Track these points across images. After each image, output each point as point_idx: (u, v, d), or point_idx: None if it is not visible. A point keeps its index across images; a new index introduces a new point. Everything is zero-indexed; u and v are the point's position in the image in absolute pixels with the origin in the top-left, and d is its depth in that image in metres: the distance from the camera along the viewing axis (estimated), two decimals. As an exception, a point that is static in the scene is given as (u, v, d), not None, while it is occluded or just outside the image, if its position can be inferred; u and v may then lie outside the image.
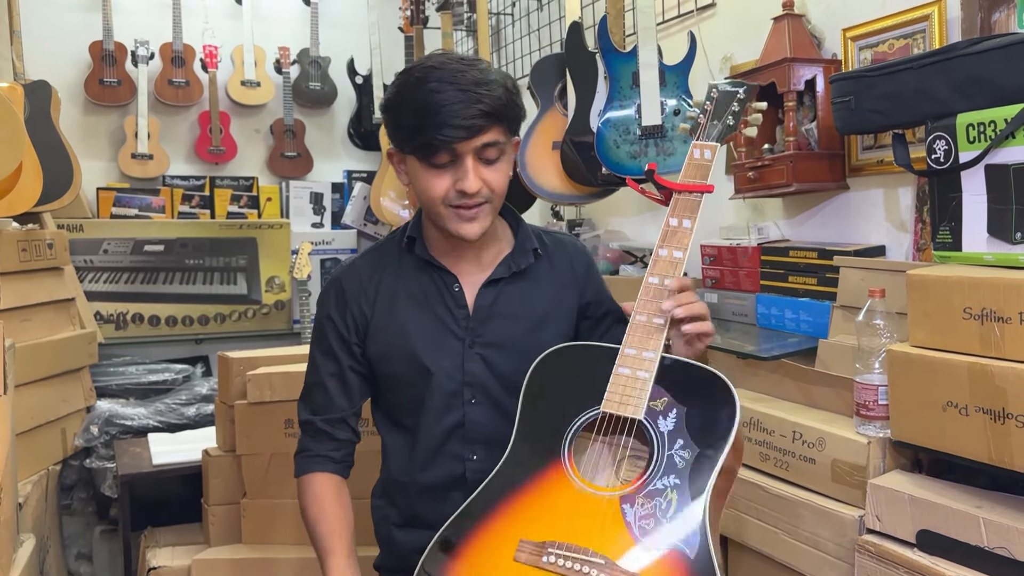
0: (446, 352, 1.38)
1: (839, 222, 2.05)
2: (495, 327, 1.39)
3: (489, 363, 1.38)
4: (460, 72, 1.26)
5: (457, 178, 1.28)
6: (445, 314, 1.39)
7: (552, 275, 1.45)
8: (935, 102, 1.47)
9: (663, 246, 1.29)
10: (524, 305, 1.42)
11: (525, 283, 1.43)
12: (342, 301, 1.42)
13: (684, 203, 1.31)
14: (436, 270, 1.41)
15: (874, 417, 1.56)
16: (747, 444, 1.82)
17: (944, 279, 1.40)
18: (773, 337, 2.00)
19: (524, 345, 1.38)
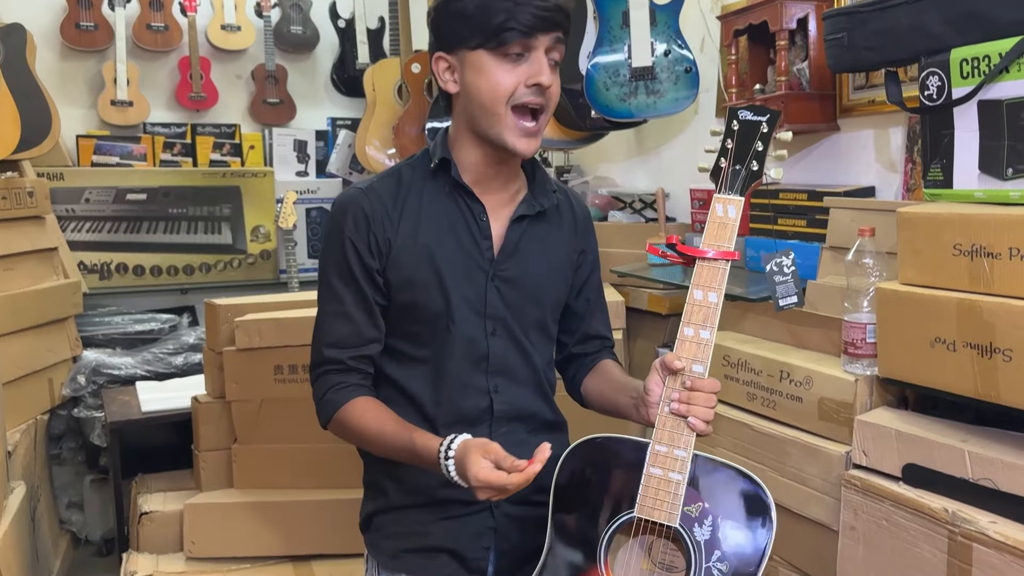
0: (470, 282, 1.32)
1: (829, 164, 2.04)
2: (516, 264, 1.34)
3: (505, 297, 1.34)
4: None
5: (530, 73, 1.22)
6: (470, 243, 1.32)
7: (559, 220, 1.42)
8: (929, 37, 1.45)
9: (688, 323, 1.21)
10: (542, 246, 1.38)
11: (544, 225, 1.38)
12: (364, 225, 1.30)
13: (709, 272, 1.21)
14: (466, 197, 1.33)
15: (861, 355, 1.58)
16: (735, 384, 1.84)
17: (934, 216, 1.40)
18: (762, 279, 2.00)
19: (538, 286, 1.37)
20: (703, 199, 2.25)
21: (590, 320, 1.48)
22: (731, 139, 1.25)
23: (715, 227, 1.23)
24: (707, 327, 1.21)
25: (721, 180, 1.24)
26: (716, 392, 1.21)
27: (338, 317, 1.33)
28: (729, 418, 1.80)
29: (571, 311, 1.46)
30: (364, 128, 3.63)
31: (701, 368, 1.21)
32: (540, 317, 1.39)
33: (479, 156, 1.31)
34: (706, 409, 1.20)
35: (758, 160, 1.24)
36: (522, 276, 1.35)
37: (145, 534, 2.28)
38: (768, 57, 2.12)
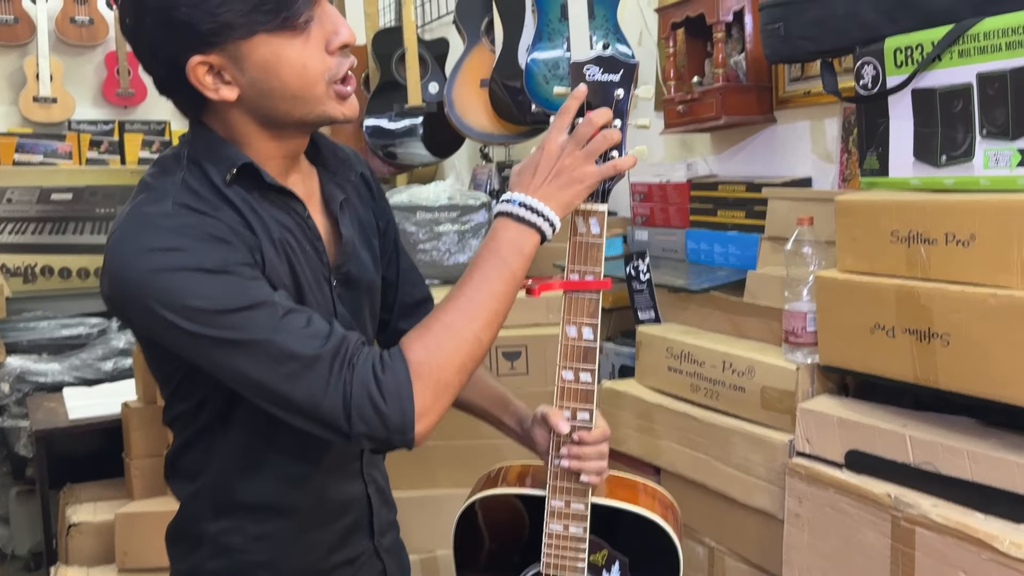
0: (320, 295, 1.05)
1: (766, 155, 2.05)
2: (350, 257, 1.09)
3: (346, 302, 1.08)
4: None
5: (326, 35, 0.95)
6: (310, 251, 1.04)
7: (357, 186, 1.16)
8: (864, 26, 1.46)
9: (567, 366, 1.05)
10: (360, 228, 1.13)
11: (352, 200, 1.13)
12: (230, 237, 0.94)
13: (578, 305, 1.04)
14: (286, 198, 1.02)
15: (802, 344, 1.58)
16: (678, 376, 1.84)
17: (871, 203, 1.41)
18: (703, 271, 2.01)
19: (371, 275, 1.14)
20: (643, 192, 2.24)
21: (408, 286, 1.26)
22: (580, 114, 1.01)
23: (579, 249, 1.03)
24: (587, 368, 1.07)
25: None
26: (606, 439, 1.13)
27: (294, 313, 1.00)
28: (673, 410, 1.79)
29: (386, 283, 1.22)
30: (300, 125, 3.54)
31: (587, 415, 1.09)
32: (373, 315, 1.17)
33: (279, 148, 1.01)
34: (597, 463, 1.11)
35: (617, 146, 1.00)
36: (358, 272, 1.10)
37: (75, 546, 2.19)
38: (705, 50, 2.13)
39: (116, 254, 0.93)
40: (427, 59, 2.90)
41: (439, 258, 2.52)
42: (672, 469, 1.80)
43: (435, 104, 2.79)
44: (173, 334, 0.92)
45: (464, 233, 2.51)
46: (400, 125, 2.91)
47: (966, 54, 1.33)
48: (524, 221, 0.99)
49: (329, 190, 1.10)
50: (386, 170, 3.06)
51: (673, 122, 2.06)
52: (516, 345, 2.12)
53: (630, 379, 2.01)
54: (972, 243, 1.26)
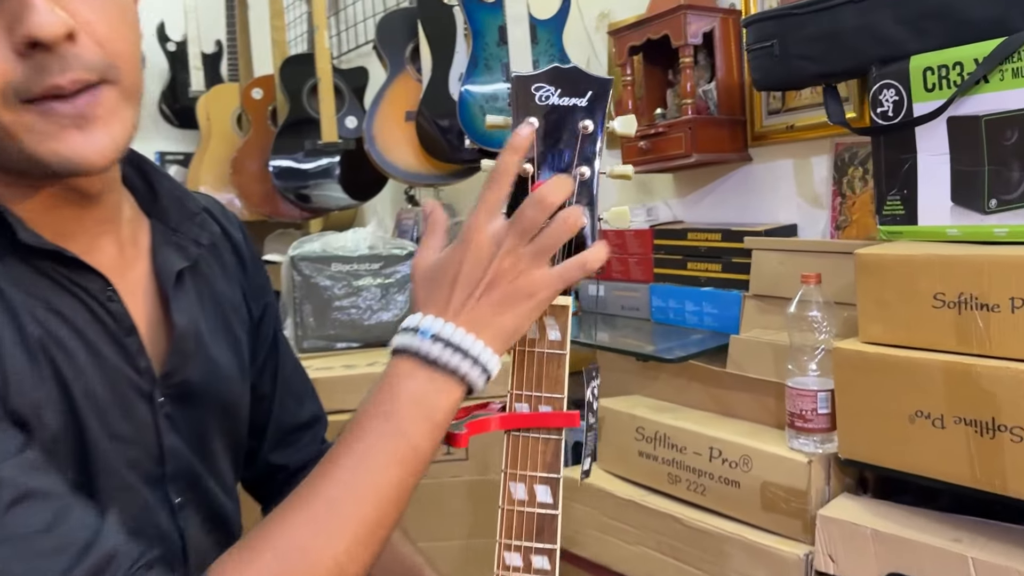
0: (128, 424, 0.70)
1: (740, 199, 1.78)
2: (194, 366, 0.75)
3: (182, 429, 0.74)
4: None
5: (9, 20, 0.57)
6: (111, 350, 0.69)
7: (221, 257, 0.85)
8: (882, 42, 1.20)
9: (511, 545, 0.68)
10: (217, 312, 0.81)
11: (203, 273, 0.81)
12: None
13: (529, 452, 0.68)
14: (65, 268, 0.68)
15: (812, 430, 1.29)
16: (653, 464, 1.52)
17: (907, 259, 1.13)
18: (672, 334, 1.71)
19: (231, 379, 0.80)
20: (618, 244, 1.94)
21: (289, 402, 0.92)
22: (529, 158, 0.68)
23: (527, 365, 0.68)
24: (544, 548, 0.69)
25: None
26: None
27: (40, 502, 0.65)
28: (649, 508, 1.47)
29: (256, 396, 0.88)
30: (197, 163, 3.15)
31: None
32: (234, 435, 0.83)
33: (37, 198, 0.67)
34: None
35: (588, 203, 0.67)
36: (201, 380, 0.76)
37: None
38: (666, 78, 1.85)
39: None
40: (344, 90, 2.57)
41: (359, 317, 2.16)
42: (651, 583, 1.47)
43: (353, 141, 2.46)
44: None
45: (388, 287, 2.15)
46: (314, 165, 2.56)
47: (1022, 74, 1.07)
48: (438, 365, 0.64)
49: (163, 256, 0.74)
50: (297, 214, 2.69)
51: (633, 160, 1.77)
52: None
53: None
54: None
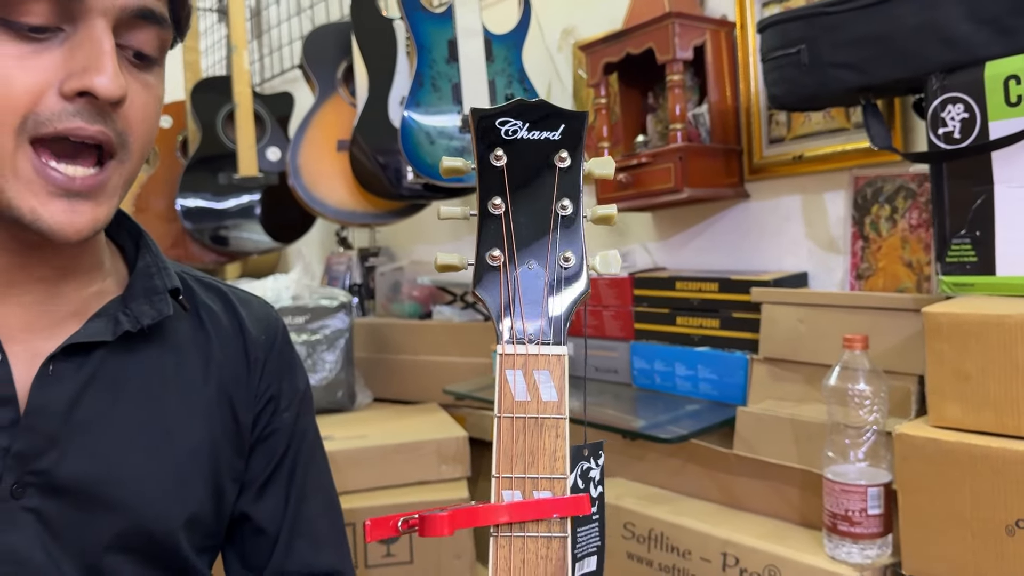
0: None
1: (735, 243, 1.52)
2: (78, 452, 0.66)
3: (58, 534, 0.65)
4: None
5: (74, 67, 0.58)
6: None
7: (206, 347, 0.75)
8: (948, 44, 0.95)
9: None
10: (150, 407, 0.70)
11: (154, 360, 0.71)
12: None
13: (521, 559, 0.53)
14: None
15: (861, 535, 1.01)
16: (648, 571, 1.23)
17: (1000, 320, 0.86)
18: (661, 404, 1.42)
19: (143, 494, 0.68)
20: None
21: (291, 543, 0.78)
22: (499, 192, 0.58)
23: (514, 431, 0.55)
24: None
25: (502, 304, 0.56)
26: None
27: None
28: (647, 630, 1.17)
29: (251, 527, 0.77)
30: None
31: None
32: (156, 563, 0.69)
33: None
34: None
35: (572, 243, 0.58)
36: (93, 477, 0.65)
37: None
38: (645, 101, 1.60)
39: None
40: (265, 118, 2.25)
41: (280, 380, 1.82)
42: None
43: (276, 175, 2.14)
44: None
45: (315, 345, 1.82)
46: (230, 203, 2.23)
47: None
48: None
49: (88, 329, 0.66)
50: (212, 258, 2.34)
51: (611, 196, 1.49)
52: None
53: (564, 565, 1.37)
54: None
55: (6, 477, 0.62)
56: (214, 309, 0.77)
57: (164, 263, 0.73)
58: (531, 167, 0.58)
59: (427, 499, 1.43)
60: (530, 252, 0.57)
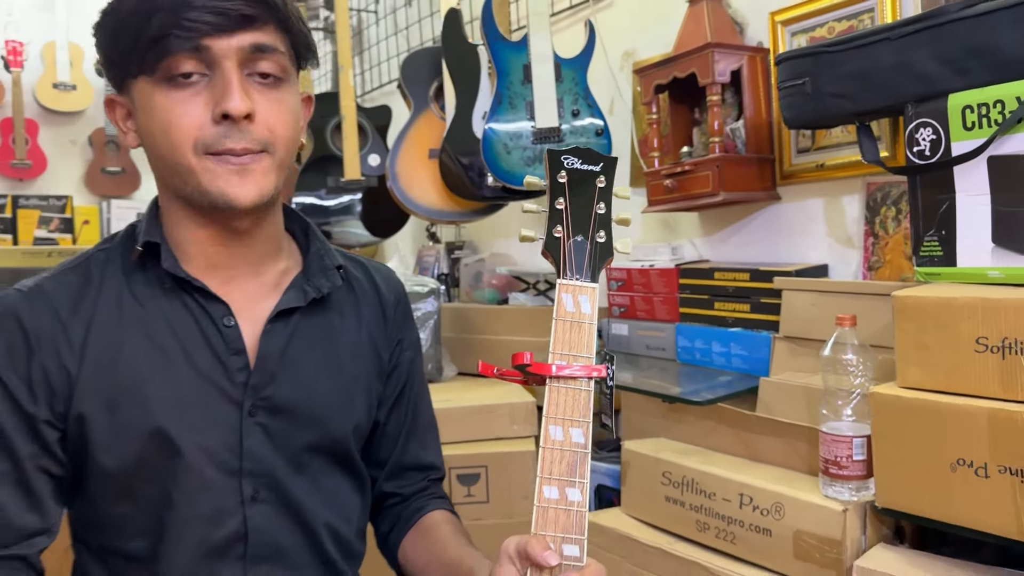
0: (214, 424, 0.89)
1: (768, 239, 1.75)
2: (288, 382, 0.93)
3: (275, 437, 0.92)
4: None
5: (216, 98, 0.83)
6: (210, 364, 0.90)
7: (357, 306, 1.03)
8: (919, 80, 1.18)
9: (549, 479, 0.81)
10: (326, 348, 0.98)
11: (327, 318, 0.99)
12: (21, 350, 0.86)
13: (567, 397, 0.83)
14: (195, 294, 0.91)
15: (848, 477, 1.24)
16: (680, 509, 1.48)
17: (947, 302, 1.09)
18: (699, 375, 1.67)
19: (328, 407, 0.96)
20: (622, 279, 1.92)
21: (407, 443, 1.07)
22: (563, 196, 0.89)
23: (565, 328, 0.85)
24: (576, 482, 0.82)
25: (562, 258, 0.87)
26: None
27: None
28: (677, 556, 1.42)
29: (380, 431, 1.06)
30: (221, 201, 3.17)
31: (576, 550, 0.81)
32: (332, 453, 0.98)
33: (199, 232, 0.91)
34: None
35: (604, 228, 0.89)
36: (298, 400, 0.94)
37: None
38: (692, 116, 1.84)
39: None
40: (367, 128, 2.57)
41: (379, 355, 2.14)
42: (678, 634, 1.42)
43: (376, 178, 2.46)
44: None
45: (408, 325, 2.13)
46: (336, 202, 2.56)
47: (1065, 112, 1.04)
48: None
49: (287, 297, 0.94)
50: (318, 252, 2.68)
51: (659, 199, 1.75)
52: (473, 465, 1.74)
53: (614, 509, 1.63)
54: (1104, 357, 0.95)
55: (246, 403, 0.90)
56: (359, 277, 1.04)
57: (328, 246, 1.00)
58: (581, 185, 0.88)
59: (500, 450, 1.72)
60: (578, 231, 0.86)
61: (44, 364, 0.86)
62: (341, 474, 0.99)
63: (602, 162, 0.90)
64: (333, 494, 0.97)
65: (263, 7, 0.84)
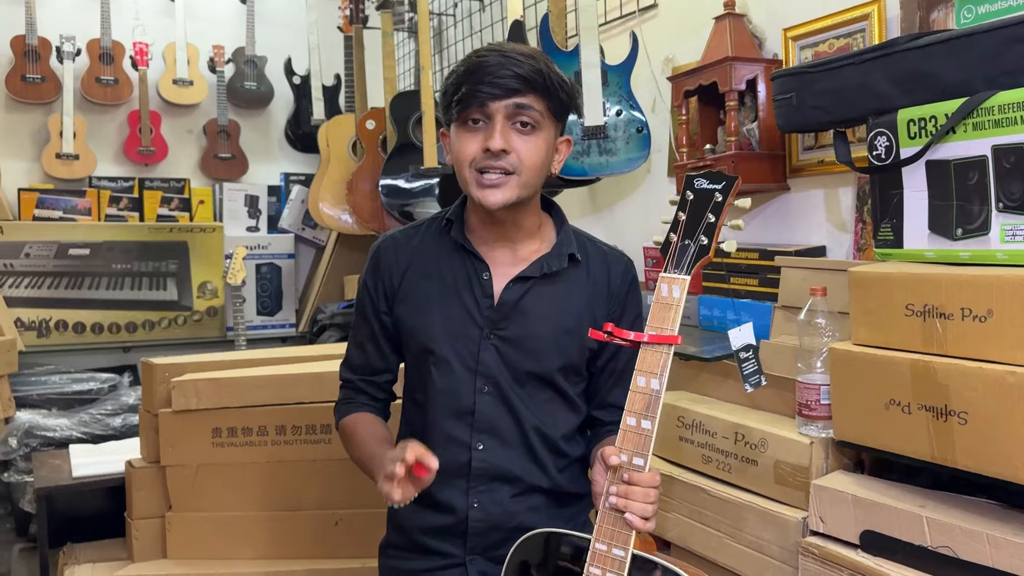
0: (463, 338, 1.37)
1: (780, 223, 2.04)
2: (516, 324, 1.37)
3: (503, 356, 1.36)
4: (511, 46, 1.31)
5: (485, 138, 1.28)
6: (470, 300, 1.37)
7: (587, 282, 1.41)
8: (877, 97, 1.45)
9: (631, 412, 1.17)
10: (550, 308, 1.38)
11: (556, 287, 1.39)
12: (377, 268, 1.44)
13: (651, 357, 1.18)
14: (469, 255, 1.38)
15: (816, 417, 1.54)
16: (690, 447, 1.80)
17: (886, 276, 1.38)
18: (715, 339, 1.97)
19: (542, 346, 1.38)
20: (655, 257, 2.23)
21: (612, 388, 1.45)
22: (684, 210, 1.21)
23: (659, 308, 1.19)
24: (649, 416, 1.16)
25: (669, 256, 1.20)
26: (655, 487, 1.17)
27: (357, 346, 1.49)
28: (684, 482, 1.74)
29: (596, 376, 1.46)
30: (317, 183, 3.58)
31: (641, 461, 1.16)
32: (544, 379, 1.38)
33: (476, 218, 1.38)
34: (644, 505, 1.15)
35: (707, 234, 1.19)
36: (521, 336, 1.36)
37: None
38: (718, 118, 2.13)
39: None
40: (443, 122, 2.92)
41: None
42: (682, 544, 1.74)
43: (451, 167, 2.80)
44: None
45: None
46: (416, 185, 2.93)
47: (981, 127, 1.31)
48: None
49: (531, 268, 1.37)
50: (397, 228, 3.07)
51: (685, 188, 2.05)
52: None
53: (640, 448, 1.96)
54: (989, 319, 1.23)
55: (485, 329, 1.35)
56: (595, 262, 1.42)
57: (571, 236, 1.41)
58: (701, 201, 1.20)
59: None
60: (687, 236, 1.19)
61: (384, 279, 1.42)
62: (551, 393, 1.39)
63: (724, 181, 1.20)
64: (542, 405, 1.39)
65: (524, 81, 1.26)
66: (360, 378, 1.49)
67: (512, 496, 1.37)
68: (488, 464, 1.36)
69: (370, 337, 1.46)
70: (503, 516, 1.37)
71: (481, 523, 1.37)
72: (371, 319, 1.45)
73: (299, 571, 2.12)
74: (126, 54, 3.74)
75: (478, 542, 1.38)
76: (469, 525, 1.37)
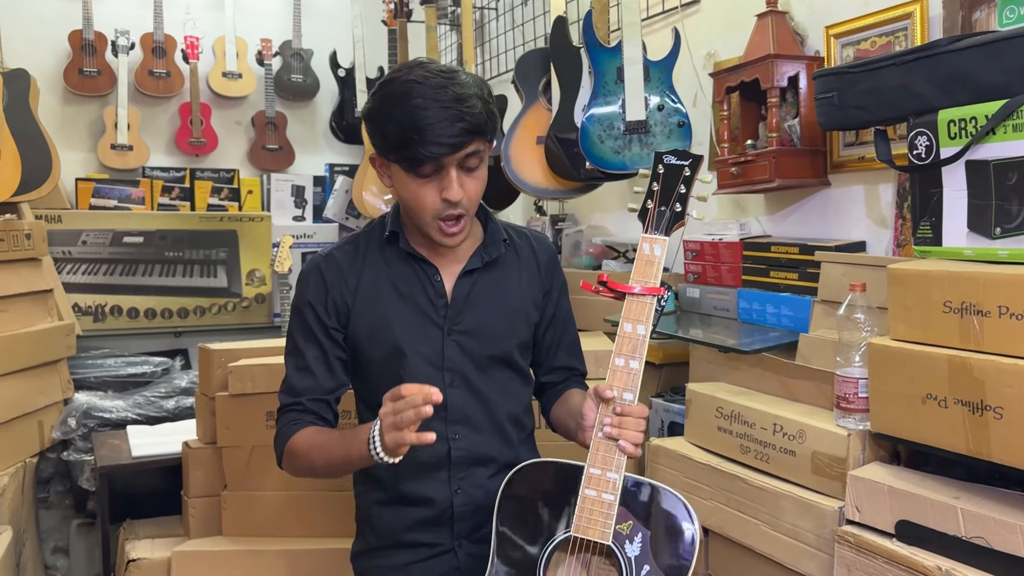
0: (426, 339, 1.45)
1: (820, 218, 2.06)
2: (470, 315, 1.47)
3: (465, 348, 1.46)
4: (442, 88, 1.31)
5: (442, 187, 1.35)
6: (426, 303, 1.46)
7: (519, 264, 1.54)
8: (917, 98, 1.48)
9: (619, 354, 1.31)
10: (496, 293, 1.50)
11: (497, 272, 1.51)
12: (322, 289, 1.47)
13: (637, 306, 1.32)
14: (419, 262, 1.47)
15: (854, 410, 1.58)
16: (728, 437, 1.84)
17: (924, 273, 1.41)
18: (754, 331, 2.01)
19: (497, 331, 1.49)
20: (696, 250, 2.27)
21: (556, 352, 1.61)
22: (657, 182, 1.37)
23: (642, 264, 1.34)
24: (636, 357, 1.31)
25: (648, 220, 1.35)
26: (644, 417, 1.31)
27: (300, 370, 1.47)
28: (723, 471, 1.79)
29: (539, 346, 1.60)
30: (362, 174, 3.66)
31: (631, 396, 1.30)
32: (503, 360, 1.51)
33: (421, 237, 1.46)
34: (635, 433, 1.29)
35: (681, 202, 1.36)
36: (477, 326, 1.47)
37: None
38: (759, 113, 2.16)
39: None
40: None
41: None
42: (719, 531, 1.79)
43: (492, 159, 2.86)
44: None
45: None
46: (458, 178, 2.98)
47: (1021, 128, 1.34)
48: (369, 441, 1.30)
49: (471, 261, 1.48)
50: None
51: (727, 183, 2.09)
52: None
53: (678, 437, 2.01)
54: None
55: (445, 327, 1.45)
56: (522, 244, 1.56)
57: (499, 225, 1.52)
58: (671, 174, 1.36)
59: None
60: (663, 203, 1.35)
61: (335, 298, 1.46)
62: (510, 372, 1.52)
63: (690, 159, 1.37)
64: (504, 384, 1.51)
65: (473, 134, 1.32)
66: (308, 399, 1.46)
67: (489, 477, 1.48)
68: (466, 451, 1.46)
69: (318, 359, 1.46)
70: (485, 497, 1.45)
71: (465, 507, 1.47)
72: (320, 340, 1.45)
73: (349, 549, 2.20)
74: (177, 48, 3.84)
75: (464, 526, 1.47)
76: (455, 511, 1.47)
